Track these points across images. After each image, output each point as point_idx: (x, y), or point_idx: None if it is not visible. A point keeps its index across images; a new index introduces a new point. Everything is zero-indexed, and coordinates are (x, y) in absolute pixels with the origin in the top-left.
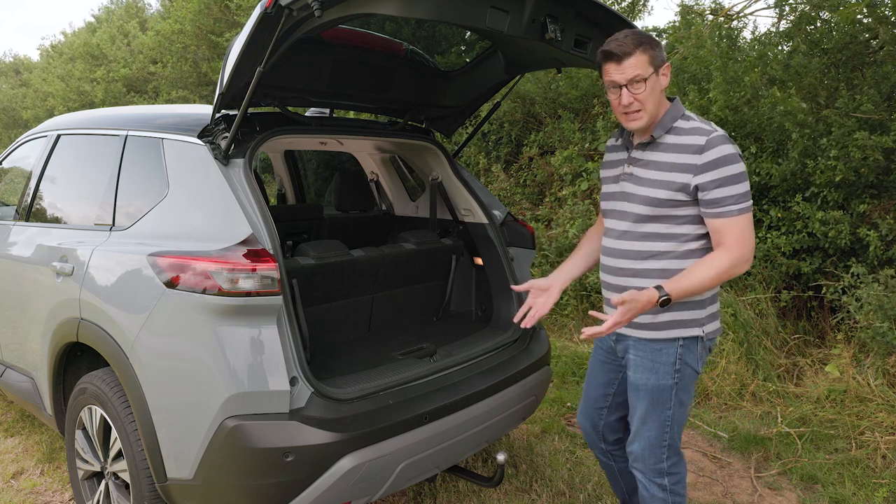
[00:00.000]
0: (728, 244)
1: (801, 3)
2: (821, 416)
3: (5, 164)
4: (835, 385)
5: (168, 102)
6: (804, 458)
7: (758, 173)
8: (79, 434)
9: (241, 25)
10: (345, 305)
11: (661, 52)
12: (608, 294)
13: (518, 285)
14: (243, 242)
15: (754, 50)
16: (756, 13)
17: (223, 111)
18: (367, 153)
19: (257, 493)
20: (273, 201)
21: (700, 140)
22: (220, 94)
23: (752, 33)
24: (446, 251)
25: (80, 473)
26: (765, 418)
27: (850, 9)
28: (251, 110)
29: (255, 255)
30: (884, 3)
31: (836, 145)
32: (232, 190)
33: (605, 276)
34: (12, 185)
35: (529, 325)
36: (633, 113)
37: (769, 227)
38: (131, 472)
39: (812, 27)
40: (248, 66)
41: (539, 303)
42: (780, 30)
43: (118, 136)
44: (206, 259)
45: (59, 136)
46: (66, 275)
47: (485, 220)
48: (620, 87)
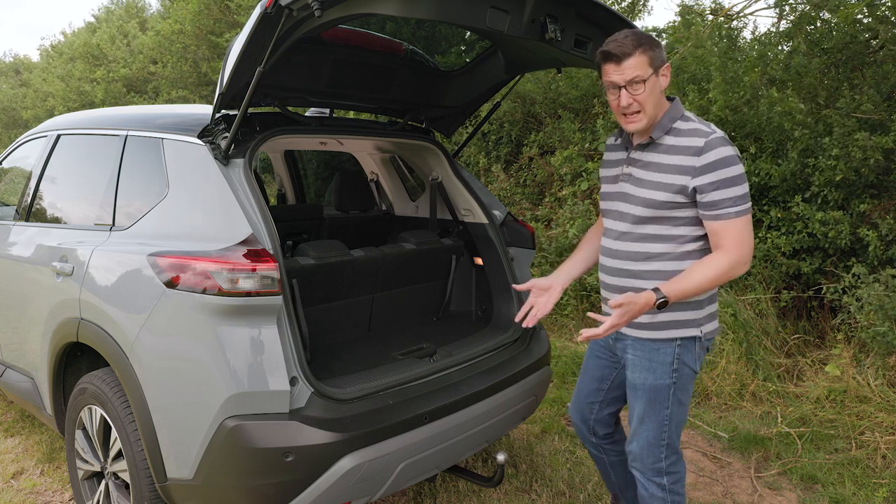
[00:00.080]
0: (726, 246)
1: (801, 3)
2: (821, 416)
3: (5, 164)
4: (835, 385)
5: (168, 102)
6: (804, 458)
7: (757, 174)
8: (79, 434)
9: (241, 25)
10: (345, 305)
11: (660, 52)
12: (607, 294)
13: (519, 285)
14: (243, 242)
15: (754, 50)
16: (756, 13)
17: (223, 111)
18: (367, 153)
19: (257, 493)
20: (273, 201)
21: (699, 142)
22: (220, 94)
23: (752, 33)
24: (446, 251)
25: (80, 473)
26: (765, 418)
27: (850, 9)
28: (251, 110)
29: (255, 255)
30: (883, 3)
31: (838, 145)
32: (232, 190)
33: (604, 277)
34: (12, 185)
35: (530, 324)
36: (632, 114)
37: (769, 228)
38: (131, 472)
39: (812, 27)
40: (248, 66)
41: (540, 302)
42: (780, 30)
43: (118, 136)
44: (206, 259)
45: (59, 136)
46: (66, 275)
47: (485, 220)
48: (619, 88)
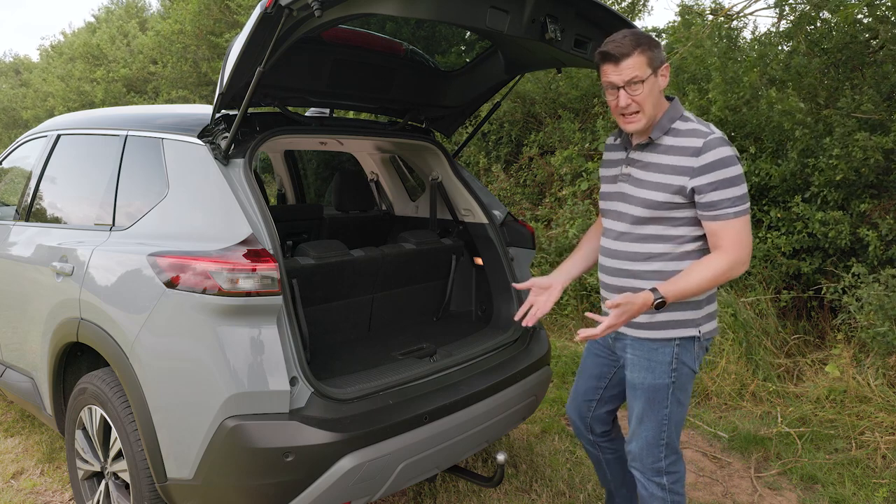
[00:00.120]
0: (725, 247)
1: (801, 3)
2: (821, 416)
3: (5, 164)
4: (835, 385)
5: (168, 102)
6: (804, 458)
7: (757, 174)
8: (79, 434)
9: (241, 25)
10: (345, 305)
11: (659, 52)
12: (607, 294)
13: (519, 283)
14: (243, 242)
15: (754, 50)
16: (756, 13)
17: (223, 111)
18: (367, 153)
19: (257, 493)
20: (273, 201)
21: (697, 142)
22: (220, 94)
23: (752, 33)
24: (446, 251)
25: (80, 473)
26: (765, 418)
27: (849, 9)
28: (251, 110)
29: (255, 255)
30: (883, 3)
31: (839, 145)
32: (232, 190)
33: (604, 277)
34: (12, 185)
35: (530, 323)
36: (630, 115)
37: (769, 228)
38: (131, 472)
39: (812, 27)
40: (248, 66)
41: (540, 301)
42: (780, 30)
43: (118, 136)
44: (206, 259)
45: (59, 136)
46: (66, 275)
47: (485, 220)
48: (618, 88)
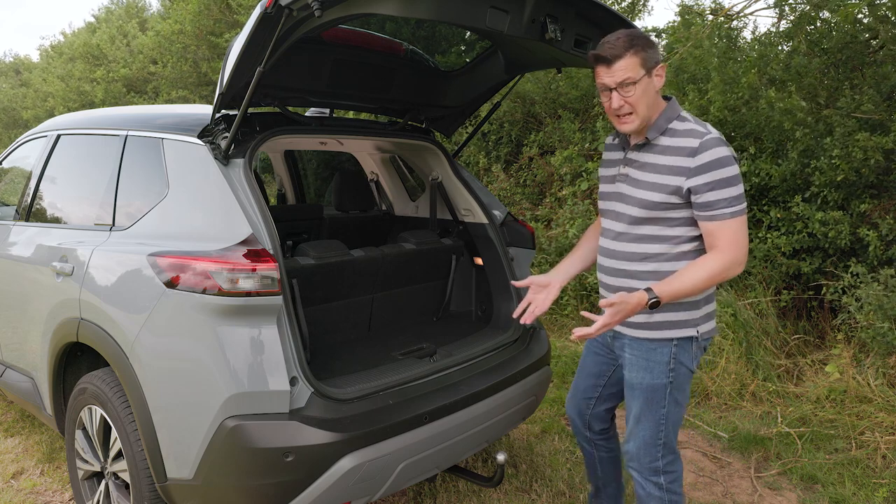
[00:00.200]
0: (721, 247)
1: (801, 3)
2: (821, 416)
3: (5, 164)
4: (835, 385)
5: (168, 102)
6: (804, 458)
7: (757, 174)
8: (79, 434)
9: (241, 25)
10: (345, 305)
11: (654, 53)
12: (605, 294)
13: (518, 281)
14: (243, 242)
15: (754, 50)
16: (756, 13)
17: (223, 111)
18: (367, 153)
19: (257, 493)
20: (273, 201)
21: (693, 142)
22: (220, 94)
23: (752, 33)
24: (446, 251)
25: (80, 473)
26: (765, 418)
27: (850, 9)
28: (251, 110)
29: (255, 255)
30: (883, 3)
31: (839, 145)
32: (232, 190)
33: (602, 277)
34: (12, 185)
35: (528, 321)
36: (624, 116)
37: (769, 228)
38: (131, 472)
39: (812, 27)
40: (248, 66)
41: (538, 299)
42: (780, 30)
43: (118, 136)
44: (206, 259)
45: (59, 136)
46: (66, 275)
47: (485, 220)
48: (611, 90)
